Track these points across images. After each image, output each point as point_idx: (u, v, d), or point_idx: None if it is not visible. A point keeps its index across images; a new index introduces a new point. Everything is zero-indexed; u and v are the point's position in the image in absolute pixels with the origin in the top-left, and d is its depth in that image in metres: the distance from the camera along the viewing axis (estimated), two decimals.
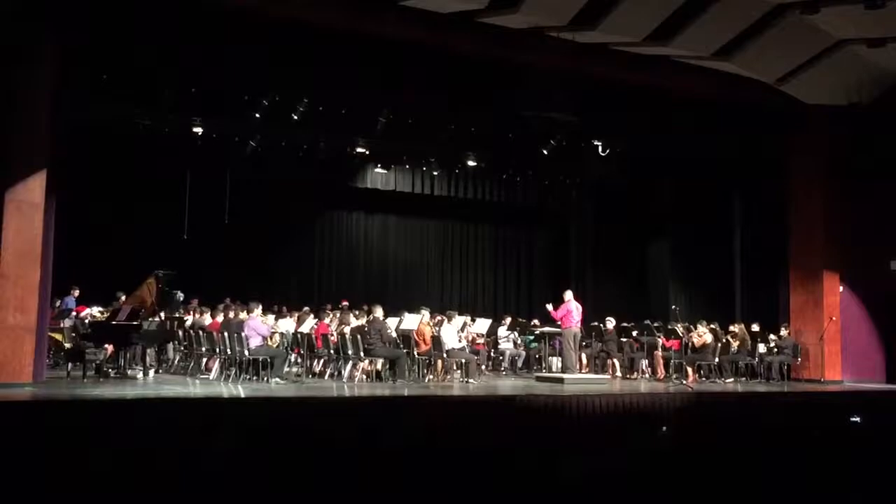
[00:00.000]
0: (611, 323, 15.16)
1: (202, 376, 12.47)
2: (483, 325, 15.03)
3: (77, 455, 7.06)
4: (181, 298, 13.91)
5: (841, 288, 15.36)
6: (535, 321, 16.73)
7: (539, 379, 13.43)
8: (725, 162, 16.99)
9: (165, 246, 15.75)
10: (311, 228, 19.33)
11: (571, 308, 13.31)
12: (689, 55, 13.58)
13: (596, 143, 16.41)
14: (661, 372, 14.69)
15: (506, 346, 15.96)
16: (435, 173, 18.78)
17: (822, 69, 14.03)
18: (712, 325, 14.48)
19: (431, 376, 13.00)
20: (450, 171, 18.86)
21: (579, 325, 13.51)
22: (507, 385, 13.20)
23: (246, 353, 11.66)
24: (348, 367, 12.32)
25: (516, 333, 16.13)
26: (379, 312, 12.60)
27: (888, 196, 14.93)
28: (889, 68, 14.26)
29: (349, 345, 12.09)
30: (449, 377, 13.08)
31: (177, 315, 13.84)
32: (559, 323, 13.47)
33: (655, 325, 15.37)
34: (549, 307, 13.81)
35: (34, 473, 6.48)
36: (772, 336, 15.29)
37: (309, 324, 13.56)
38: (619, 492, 6.20)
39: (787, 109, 15.24)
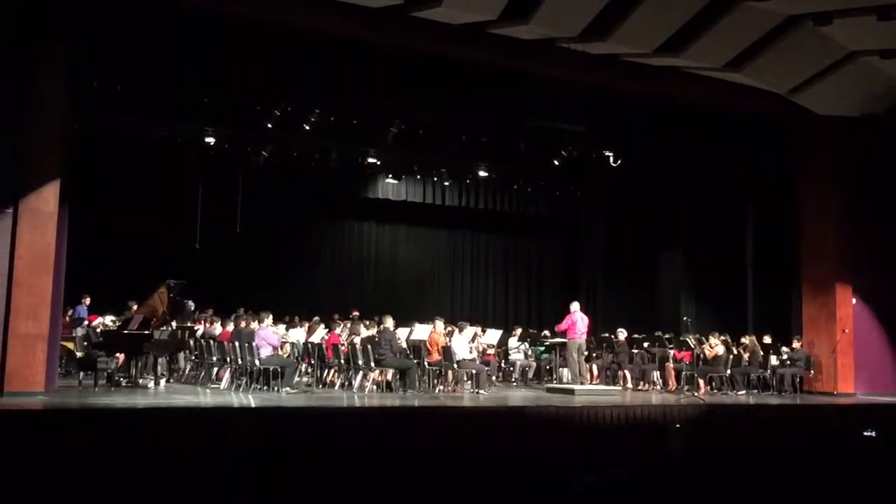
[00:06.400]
0: (622, 334, 15.11)
1: (213, 386, 12.49)
2: (493, 335, 15.01)
3: (88, 464, 7.07)
4: (192, 308, 13.96)
5: (854, 300, 15.24)
6: (546, 332, 16.68)
7: (550, 390, 13.39)
8: (737, 172, 16.93)
9: (177, 255, 15.85)
10: (323, 238, 19.38)
11: (576, 319, 13.33)
12: (700, 66, 13.56)
13: (607, 153, 16.39)
14: (672, 383, 14.62)
15: (516, 356, 15.92)
16: (446, 184, 18.82)
17: (835, 80, 13.97)
18: (724, 337, 14.40)
19: (442, 387, 12.98)
20: (461, 181, 18.92)
21: (584, 336, 13.48)
22: (518, 396, 13.17)
23: (256, 362, 11.68)
24: (359, 377, 12.31)
25: (527, 344, 16.08)
26: (389, 323, 12.61)
27: None
28: None
29: (359, 355, 12.09)
30: (459, 388, 13.06)
31: (188, 324, 13.88)
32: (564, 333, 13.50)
33: (667, 336, 15.31)
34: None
35: (45, 482, 6.49)
36: (784, 348, 15.18)
37: (319, 334, 13.57)
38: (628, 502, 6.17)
39: (799, 120, 15.19)
